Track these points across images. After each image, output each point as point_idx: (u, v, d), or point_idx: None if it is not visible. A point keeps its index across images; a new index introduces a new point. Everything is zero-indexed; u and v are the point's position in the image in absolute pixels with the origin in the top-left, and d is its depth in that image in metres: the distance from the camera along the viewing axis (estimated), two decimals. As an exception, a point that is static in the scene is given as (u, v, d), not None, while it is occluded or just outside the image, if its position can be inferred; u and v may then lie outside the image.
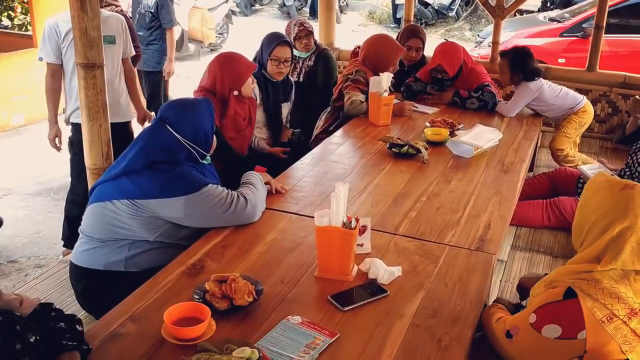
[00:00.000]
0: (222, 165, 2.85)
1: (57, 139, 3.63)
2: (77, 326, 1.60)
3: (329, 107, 4.14)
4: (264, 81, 3.59)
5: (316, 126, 4.18)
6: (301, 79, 4.52)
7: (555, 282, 1.71)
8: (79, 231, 2.33)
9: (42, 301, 1.61)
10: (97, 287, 2.24)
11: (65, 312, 1.65)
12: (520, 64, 4.07)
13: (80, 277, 2.28)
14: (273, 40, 3.60)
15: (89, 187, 2.59)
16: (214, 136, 2.43)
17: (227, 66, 3.15)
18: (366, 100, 3.84)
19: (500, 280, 2.97)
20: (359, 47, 4.24)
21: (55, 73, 3.53)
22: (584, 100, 4.24)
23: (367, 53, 4.02)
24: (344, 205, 2.00)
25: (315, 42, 4.57)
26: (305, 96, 4.45)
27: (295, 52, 4.57)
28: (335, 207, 1.97)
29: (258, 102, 3.54)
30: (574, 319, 1.59)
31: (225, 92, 3.15)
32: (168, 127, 2.27)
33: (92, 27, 2.50)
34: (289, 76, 3.86)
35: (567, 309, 1.61)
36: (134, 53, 3.90)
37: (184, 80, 8.14)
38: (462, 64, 4.20)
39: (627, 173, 3.53)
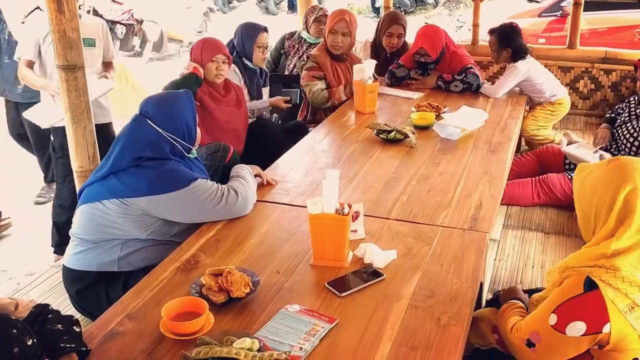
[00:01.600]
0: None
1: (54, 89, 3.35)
2: (75, 327, 1.58)
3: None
4: (244, 69, 3.74)
5: (298, 118, 4.21)
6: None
7: (571, 268, 1.62)
8: (70, 234, 2.31)
9: (37, 302, 1.60)
10: (91, 288, 2.22)
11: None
12: (507, 40, 4.09)
13: (74, 280, 2.26)
14: (255, 30, 3.76)
15: (77, 189, 2.57)
16: (197, 129, 2.40)
17: (195, 49, 3.30)
18: (328, 86, 3.98)
19: (494, 260, 2.99)
20: None
21: (30, 65, 3.49)
22: (562, 92, 4.28)
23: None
24: (336, 191, 1.99)
25: None
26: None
27: (304, 35, 4.63)
28: (327, 194, 1.97)
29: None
30: (598, 313, 1.52)
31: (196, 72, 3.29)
32: (149, 121, 2.24)
33: (71, 28, 2.47)
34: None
35: (589, 302, 1.54)
36: (115, 58, 3.86)
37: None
38: (444, 47, 4.20)
39: (614, 146, 3.56)
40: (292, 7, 13.84)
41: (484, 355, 1.91)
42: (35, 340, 1.45)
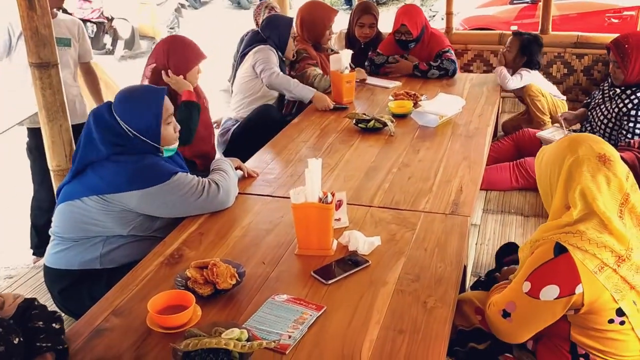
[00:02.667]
0: None
1: None
2: (54, 324, 1.55)
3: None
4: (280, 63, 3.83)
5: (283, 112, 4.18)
6: None
7: (539, 240, 1.68)
8: (50, 233, 2.28)
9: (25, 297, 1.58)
10: (74, 287, 2.20)
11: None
12: (528, 49, 4.16)
13: (56, 279, 2.23)
14: (290, 23, 3.88)
15: (54, 189, 2.54)
16: (167, 127, 2.28)
17: (178, 54, 2.96)
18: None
19: (476, 244, 3.02)
20: None
21: None
22: (563, 97, 4.40)
23: (302, 19, 4.14)
24: (319, 180, 1.99)
25: None
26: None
27: None
28: (310, 183, 1.97)
29: None
30: (569, 274, 1.57)
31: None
32: (116, 117, 2.19)
33: (43, 25, 2.43)
34: None
35: (560, 265, 1.59)
36: (92, 59, 3.80)
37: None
38: (424, 26, 4.22)
39: (588, 128, 3.61)
40: (264, 0, 13.76)
41: (468, 336, 1.94)
42: (21, 339, 1.43)
